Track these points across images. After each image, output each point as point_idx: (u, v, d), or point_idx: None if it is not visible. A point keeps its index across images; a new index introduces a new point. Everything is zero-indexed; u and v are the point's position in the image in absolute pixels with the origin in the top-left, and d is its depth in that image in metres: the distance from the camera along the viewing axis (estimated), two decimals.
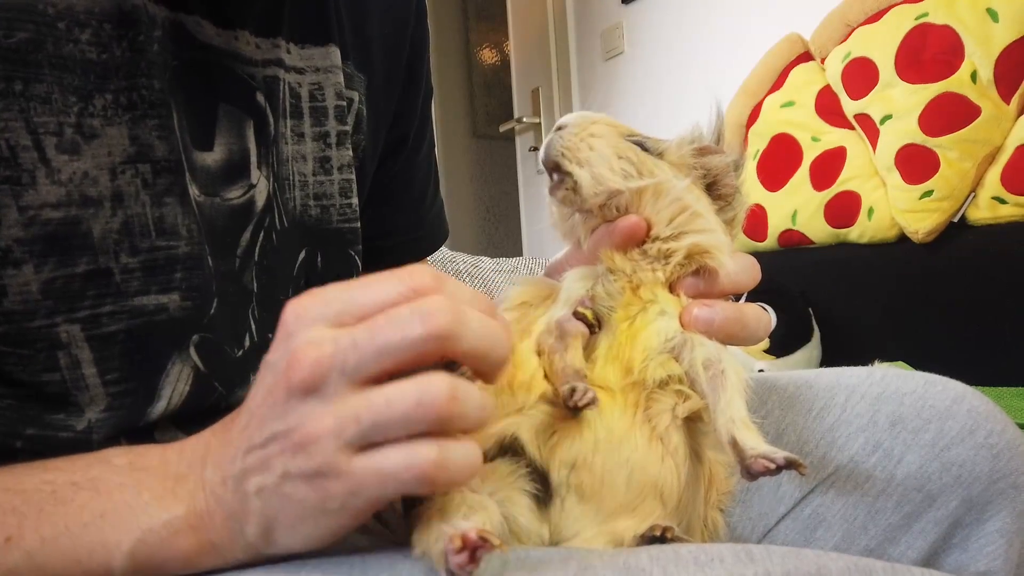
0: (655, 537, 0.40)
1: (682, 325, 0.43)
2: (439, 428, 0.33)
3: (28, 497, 0.35)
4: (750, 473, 0.39)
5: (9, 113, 0.38)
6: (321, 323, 0.34)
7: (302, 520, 0.34)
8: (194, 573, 0.37)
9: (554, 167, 0.46)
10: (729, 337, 0.44)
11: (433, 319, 0.32)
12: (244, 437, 0.35)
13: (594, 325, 0.44)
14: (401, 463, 0.32)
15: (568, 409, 0.39)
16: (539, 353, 0.43)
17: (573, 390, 0.39)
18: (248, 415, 0.36)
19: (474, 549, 0.32)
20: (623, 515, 0.41)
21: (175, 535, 0.36)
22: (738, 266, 0.45)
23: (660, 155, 0.47)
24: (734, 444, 0.40)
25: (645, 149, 0.47)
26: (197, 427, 0.49)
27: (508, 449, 0.42)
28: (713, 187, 0.48)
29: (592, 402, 0.39)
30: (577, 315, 0.44)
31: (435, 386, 0.32)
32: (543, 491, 0.41)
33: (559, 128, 0.47)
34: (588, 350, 0.44)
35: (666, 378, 0.42)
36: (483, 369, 0.36)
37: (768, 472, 0.38)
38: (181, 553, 0.36)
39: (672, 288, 0.45)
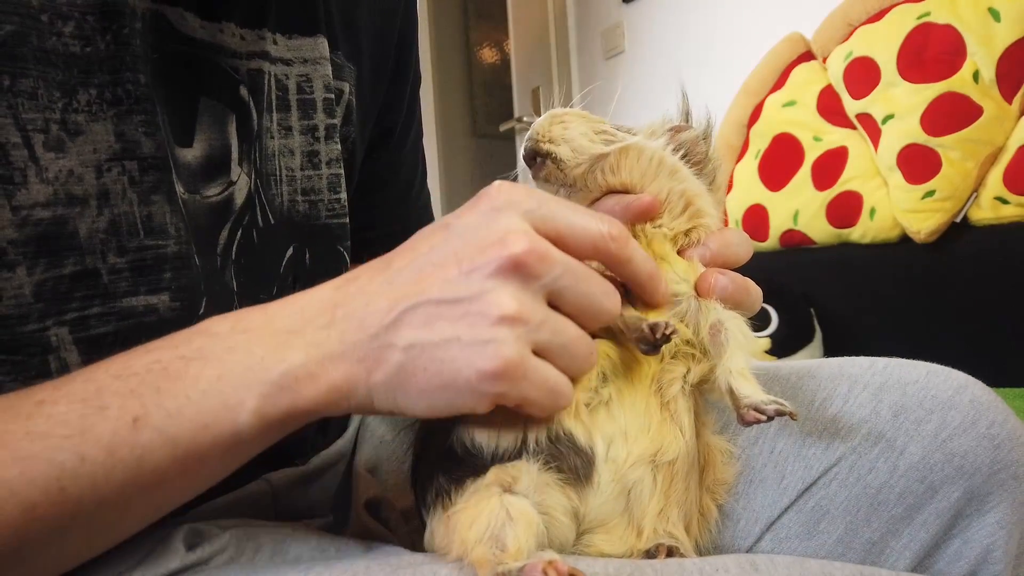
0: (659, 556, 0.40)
1: (699, 293, 0.45)
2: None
3: (142, 379, 0.35)
4: (744, 423, 0.41)
5: None
6: (527, 219, 0.36)
7: (439, 389, 0.34)
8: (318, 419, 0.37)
9: (534, 155, 0.48)
10: (737, 304, 0.45)
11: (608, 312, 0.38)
12: (413, 290, 0.36)
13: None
14: (563, 385, 0.37)
15: (650, 346, 0.40)
16: None
17: (654, 326, 0.40)
18: (416, 270, 0.36)
19: None
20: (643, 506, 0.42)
21: (296, 383, 0.35)
22: (735, 237, 0.47)
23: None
24: (731, 393, 0.42)
25: None
26: None
27: (549, 435, 0.42)
28: (686, 157, 0.50)
29: (675, 332, 0.40)
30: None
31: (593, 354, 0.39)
32: (582, 469, 0.41)
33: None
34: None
35: (678, 343, 0.44)
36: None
37: (759, 422, 0.41)
38: (305, 401, 0.36)
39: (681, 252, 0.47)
